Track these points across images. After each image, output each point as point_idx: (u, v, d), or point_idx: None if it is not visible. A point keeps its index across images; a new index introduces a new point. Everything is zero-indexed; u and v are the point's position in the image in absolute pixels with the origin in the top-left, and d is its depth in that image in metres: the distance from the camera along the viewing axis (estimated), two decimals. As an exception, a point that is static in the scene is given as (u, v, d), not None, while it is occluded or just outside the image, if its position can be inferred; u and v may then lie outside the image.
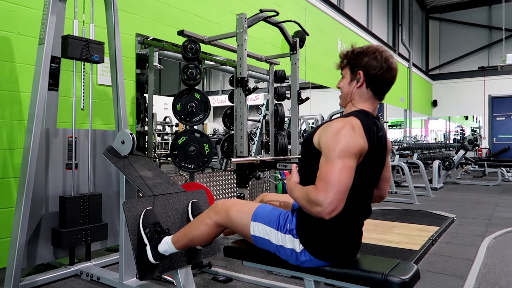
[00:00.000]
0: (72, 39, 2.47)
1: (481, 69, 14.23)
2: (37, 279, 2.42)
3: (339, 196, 1.31)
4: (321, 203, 1.31)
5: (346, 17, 8.53)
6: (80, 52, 2.49)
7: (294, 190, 1.48)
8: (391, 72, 1.50)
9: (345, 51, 1.56)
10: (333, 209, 1.31)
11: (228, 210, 1.66)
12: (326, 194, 1.31)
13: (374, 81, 1.50)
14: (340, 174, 1.32)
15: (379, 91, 1.53)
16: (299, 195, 1.44)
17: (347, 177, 1.33)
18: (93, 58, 2.55)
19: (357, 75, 1.51)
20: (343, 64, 1.57)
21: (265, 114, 6.12)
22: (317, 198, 1.32)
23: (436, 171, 7.38)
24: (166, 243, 1.83)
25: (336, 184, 1.31)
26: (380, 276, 1.40)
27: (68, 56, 2.48)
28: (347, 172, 1.33)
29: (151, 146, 3.86)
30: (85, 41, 2.52)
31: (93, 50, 2.55)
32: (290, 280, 2.45)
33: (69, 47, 2.45)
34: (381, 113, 11.53)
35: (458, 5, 14.66)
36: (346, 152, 1.34)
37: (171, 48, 3.97)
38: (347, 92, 1.55)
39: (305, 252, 1.50)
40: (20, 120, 2.71)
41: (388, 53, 1.51)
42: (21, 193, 2.27)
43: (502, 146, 12.00)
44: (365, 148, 1.40)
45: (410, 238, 3.46)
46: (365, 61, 1.49)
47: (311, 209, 1.36)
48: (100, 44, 2.60)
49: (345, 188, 1.32)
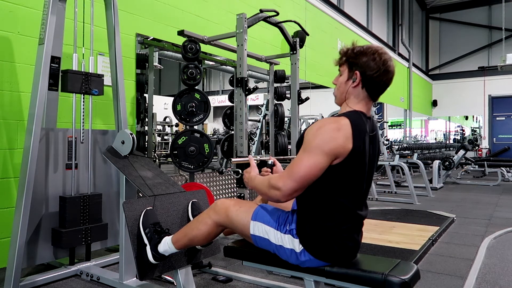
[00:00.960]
0: (72, 74, 2.49)
1: (481, 69, 14.23)
2: (37, 279, 2.42)
3: (298, 186, 1.42)
4: (279, 188, 1.43)
5: (346, 17, 8.53)
6: (79, 86, 2.52)
7: (254, 180, 1.60)
8: (388, 75, 1.51)
9: (345, 48, 1.57)
10: (289, 195, 1.43)
11: (228, 210, 1.66)
12: (286, 182, 1.42)
13: (370, 82, 1.51)
14: (305, 168, 1.40)
15: (374, 93, 1.54)
16: (258, 182, 1.56)
17: (312, 172, 1.41)
18: (92, 92, 2.58)
19: (354, 75, 1.52)
20: (341, 61, 1.58)
21: (265, 114, 6.12)
22: (277, 184, 1.44)
23: (436, 171, 7.38)
24: (166, 243, 1.83)
25: (299, 176, 1.41)
26: (380, 276, 1.40)
27: (68, 90, 2.50)
28: (313, 168, 1.40)
29: (151, 146, 3.86)
30: (85, 75, 2.54)
31: (92, 84, 2.57)
32: (290, 280, 2.45)
33: (69, 82, 2.47)
34: (381, 113, 11.55)
35: (458, 5, 14.66)
36: (318, 149, 1.40)
37: (171, 48, 3.97)
38: (342, 90, 1.57)
39: (304, 252, 1.50)
40: (20, 120, 2.71)
41: (387, 55, 1.52)
42: (21, 193, 2.27)
43: (502, 146, 12.02)
44: (345, 148, 1.41)
45: (410, 238, 3.46)
46: (364, 61, 1.50)
47: (269, 192, 1.48)
48: (99, 77, 2.62)
49: (306, 181, 1.41)
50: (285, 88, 4.45)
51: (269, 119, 4.42)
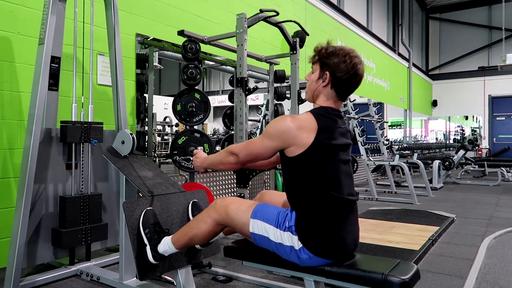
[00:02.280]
0: (71, 126, 2.52)
1: (481, 69, 14.22)
2: (37, 279, 2.42)
3: (249, 158, 1.65)
4: (237, 153, 1.66)
5: (346, 17, 8.53)
6: (79, 137, 2.55)
7: (208, 157, 1.84)
8: (356, 77, 1.59)
9: (320, 47, 1.64)
10: (242, 162, 1.67)
11: (227, 208, 1.67)
12: (241, 150, 1.65)
13: (339, 83, 1.58)
14: (256, 146, 1.61)
15: (342, 93, 1.62)
16: (214, 155, 1.79)
17: (260, 150, 1.60)
18: (92, 143, 2.61)
19: (325, 75, 1.59)
20: (314, 60, 1.66)
21: (265, 114, 6.13)
22: (234, 150, 1.67)
23: (436, 171, 7.38)
24: (166, 243, 1.83)
25: (250, 150, 1.63)
26: (380, 276, 1.40)
27: (67, 142, 2.53)
28: (261, 147, 1.59)
29: (151, 146, 3.86)
30: (84, 125, 2.57)
31: (92, 133, 2.60)
32: (290, 280, 2.45)
33: (68, 133, 2.50)
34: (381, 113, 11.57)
35: (458, 5, 14.65)
36: (267, 134, 1.57)
37: (171, 48, 3.97)
38: (313, 89, 1.66)
39: (304, 250, 1.51)
40: (20, 120, 2.71)
41: (358, 59, 1.58)
42: (21, 193, 2.27)
43: (502, 146, 12.00)
44: (300, 137, 1.50)
45: (410, 238, 3.46)
46: (335, 62, 1.56)
47: (226, 157, 1.70)
48: (99, 125, 2.65)
49: (254, 154, 1.63)
50: (285, 88, 4.45)
51: (269, 119, 4.42)
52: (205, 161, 1.84)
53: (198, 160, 1.87)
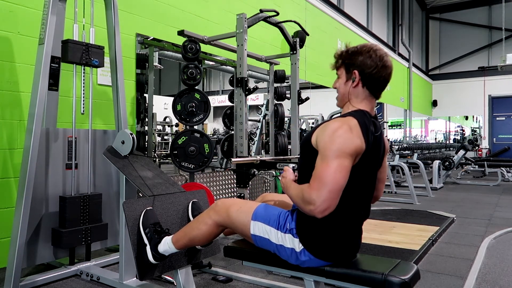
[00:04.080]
0: (72, 44, 2.47)
1: (481, 69, 14.23)
2: (37, 279, 2.42)
3: (332, 195, 1.34)
4: (313, 202, 1.34)
5: (346, 17, 8.53)
6: (80, 56, 2.50)
7: (290, 188, 1.50)
8: (386, 70, 1.51)
9: (339, 51, 1.57)
10: (326, 208, 1.34)
11: (228, 209, 1.66)
12: (319, 193, 1.33)
13: (369, 80, 1.51)
14: (335, 174, 1.33)
15: (375, 90, 1.54)
16: (294, 192, 1.47)
17: (342, 177, 1.35)
18: (93, 63, 2.55)
19: (353, 75, 1.52)
20: (338, 64, 1.58)
21: (265, 114, 6.12)
22: (310, 197, 1.35)
23: (436, 171, 7.38)
24: (166, 243, 1.83)
25: (330, 183, 1.33)
26: (380, 276, 1.40)
27: (68, 60, 2.49)
28: (342, 172, 1.35)
29: (151, 146, 3.86)
30: (85, 45, 2.52)
31: (93, 54, 2.55)
32: (290, 280, 2.45)
33: (69, 51, 2.45)
34: (381, 113, 11.54)
35: (458, 5, 14.65)
36: (341, 152, 1.35)
37: (171, 48, 3.97)
38: (343, 93, 1.56)
39: (304, 252, 1.50)
40: (20, 120, 2.71)
41: (383, 51, 1.52)
42: (21, 193, 2.27)
43: (502, 146, 12.00)
44: (362, 148, 1.40)
45: (410, 238, 3.46)
46: (360, 60, 1.50)
47: (304, 207, 1.39)
48: (100, 48, 2.60)
49: (338, 188, 1.34)
50: (285, 88, 4.45)
51: (269, 119, 4.42)
52: (287, 190, 1.53)
53: (283, 181, 1.57)
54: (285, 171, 1.60)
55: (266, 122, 5.66)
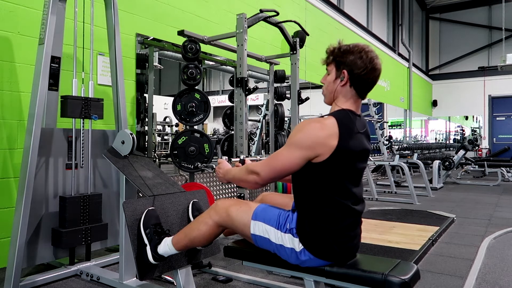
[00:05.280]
0: (71, 100, 2.50)
1: (481, 69, 14.22)
2: (37, 279, 2.42)
3: (274, 175, 1.53)
4: (258, 172, 1.54)
5: (346, 17, 8.53)
6: (79, 112, 2.54)
7: (231, 171, 1.72)
8: (375, 72, 1.54)
9: (332, 47, 1.59)
10: (265, 180, 1.55)
11: (228, 209, 1.66)
12: (264, 167, 1.54)
13: (357, 80, 1.53)
14: (282, 158, 1.50)
15: (362, 90, 1.57)
16: (236, 170, 1.67)
17: (288, 163, 1.49)
18: (92, 118, 2.59)
19: (342, 74, 1.54)
20: (329, 60, 1.60)
21: (265, 114, 6.13)
22: (255, 168, 1.55)
23: (436, 171, 7.38)
24: (166, 245, 1.83)
25: (274, 164, 1.51)
26: (380, 276, 1.40)
27: (68, 116, 2.51)
28: (290, 159, 1.49)
29: (151, 146, 3.86)
30: (84, 100, 2.55)
31: (92, 108, 2.59)
32: (290, 280, 2.45)
33: (68, 108, 2.49)
34: (381, 113, 11.55)
35: (458, 5, 14.65)
36: (297, 144, 1.47)
37: (171, 48, 3.97)
38: (331, 90, 1.59)
39: (304, 251, 1.51)
40: (20, 120, 2.71)
41: (374, 53, 1.54)
42: (21, 193, 2.27)
43: (502, 146, 12.01)
44: (328, 145, 1.44)
45: (410, 238, 3.46)
46: (351, 59, 1.52)
47: (247, 177, 1.58)
48: (99, 101, 2.63)
49: (280, 169, 1.51)
50: (285, 88, 4.45)
51: (269, 119, 4.42)
52: (227, 174, 1.73)
53: (221, 171, 1.76)
54: (220, 163, 1.80)
55: (266, 122, 5.66)
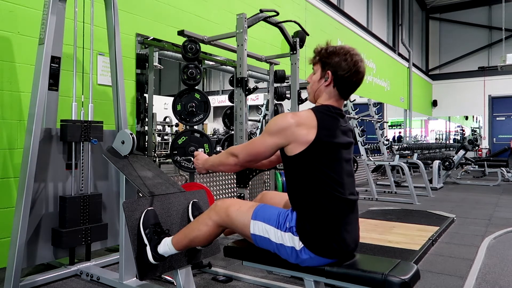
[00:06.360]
0: (71, 124, 2.52)
1: (481, 69, 14.23)
2: (37, 279, 2.42)
3: (249, 158, 1.65)
4: (237, 154, 1.66)
5: (346, 17, 8.53)
6: (79, 136, 2.56)
7: (209, 159, 1.83)
8: (358, 75, 1.60)
9: (319, 48, 1.65)
10: (243, 163, 1.67)
11: (228, 209, 1.67)
12: (242, 151, 1.66)
13: (341, 82, 1.59)
14: (256, 144, 1.62)
15: (345, 92, 1.62)
16: (216, 156, 1.80)
17: (261, 149, 1.61)
18: (92, 142, 2.61)
19: (326, 74, 1.59)
20: (315, 60, 1.67)
21: (265, 114, 6.13)
22: (235, 151, 1.68)
23: (436, 171, 7.38)
24: (166, 245, 1.83)
25: (251, 149, 1.63)
26: (380, 276, 1.40)
27: (67, 140, 2.53)
28: (263, 144, 1.59)
29: (151, 146, 3.86)
30: (84, 124, 2.57)
31: (92, 131, 2.61)
32: (290, 280, 2.45)
33: (68, 132, 2.50)
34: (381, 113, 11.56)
35: (458, 5, 14.66)
36: (268, 131, 1.58)
37: (171, 48, 3.97)
38: (315, 89, 1.66)
39: (305, 250, 1.51)
40: (20, 120, 2.71)
41: (359, 56, 1.60)
42: (21, 193, 2.27)
43: (502, 146, 12.00)
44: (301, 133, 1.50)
45: (410, 238, 3.46)
46: (336, 61, 1.58)
47: (227, 159, 1.70)
48: (98, 124, 2.65)
49: (255, 154, 1.63)
50: (285, 88, 4.45)
51: (269, 119, 4.42)
52: (206, 163, 1.84)
53: (199, 162, 1.88)
54: (197, 155, 1.92)
55: (266, 122, 5.66)
